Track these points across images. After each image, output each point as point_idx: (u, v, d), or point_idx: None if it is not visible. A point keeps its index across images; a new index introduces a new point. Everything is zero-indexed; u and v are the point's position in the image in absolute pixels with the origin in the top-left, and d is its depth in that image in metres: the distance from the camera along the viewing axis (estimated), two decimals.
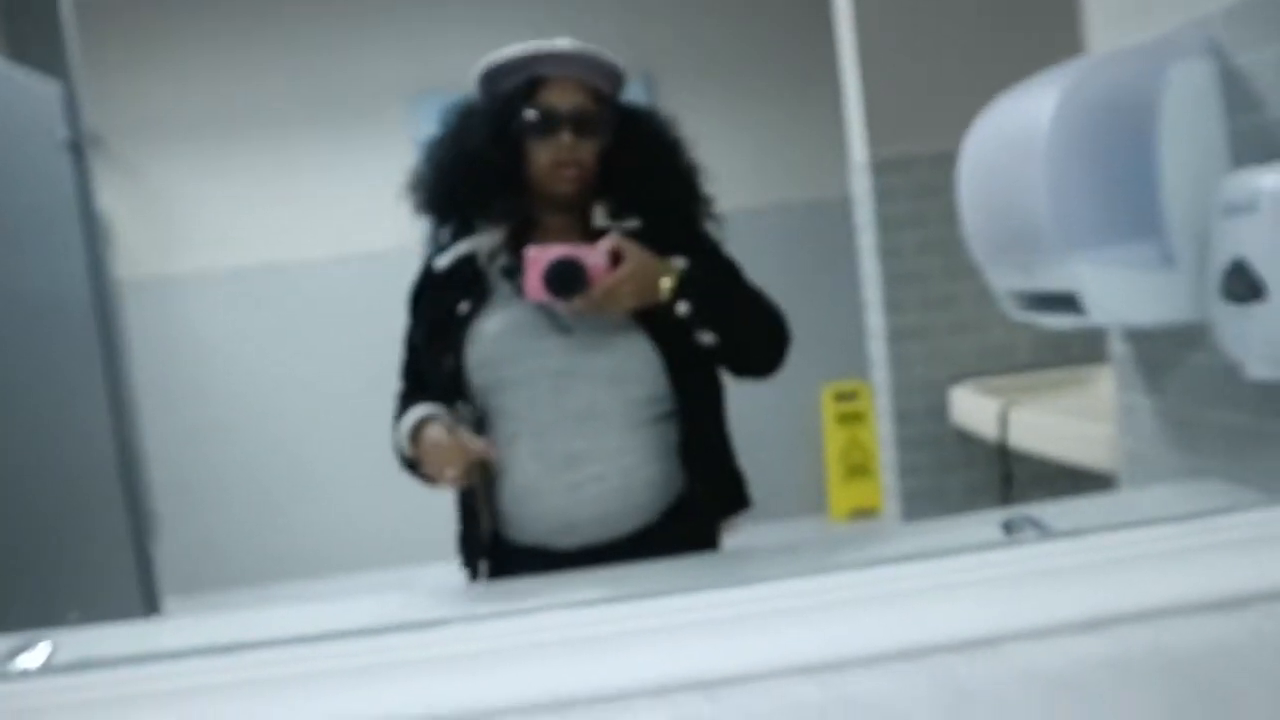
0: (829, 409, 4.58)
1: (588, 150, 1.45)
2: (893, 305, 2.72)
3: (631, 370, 1.44)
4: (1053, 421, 2.28)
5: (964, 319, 2.69)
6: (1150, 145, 1.17)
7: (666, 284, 1.39)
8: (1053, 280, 1.25)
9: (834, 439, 4.60)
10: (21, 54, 1.44)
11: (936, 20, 2.70)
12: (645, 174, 1.49)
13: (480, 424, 1.46)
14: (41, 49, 1.46)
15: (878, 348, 2.82)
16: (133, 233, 4.08)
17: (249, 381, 4.33)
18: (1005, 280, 1.38)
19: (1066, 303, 1.25)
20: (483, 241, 1.48)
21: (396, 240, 2.14)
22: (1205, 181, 1.13)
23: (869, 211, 2.74)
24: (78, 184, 1.55)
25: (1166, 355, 1.38)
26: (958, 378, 2.72)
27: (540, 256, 1.37)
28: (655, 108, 1.56)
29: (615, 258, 1.38)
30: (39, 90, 1.47)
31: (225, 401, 4.29)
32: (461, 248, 1.49)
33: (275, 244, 4.33)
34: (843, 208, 3.05)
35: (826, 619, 0.73)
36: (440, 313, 1.48)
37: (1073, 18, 1.48)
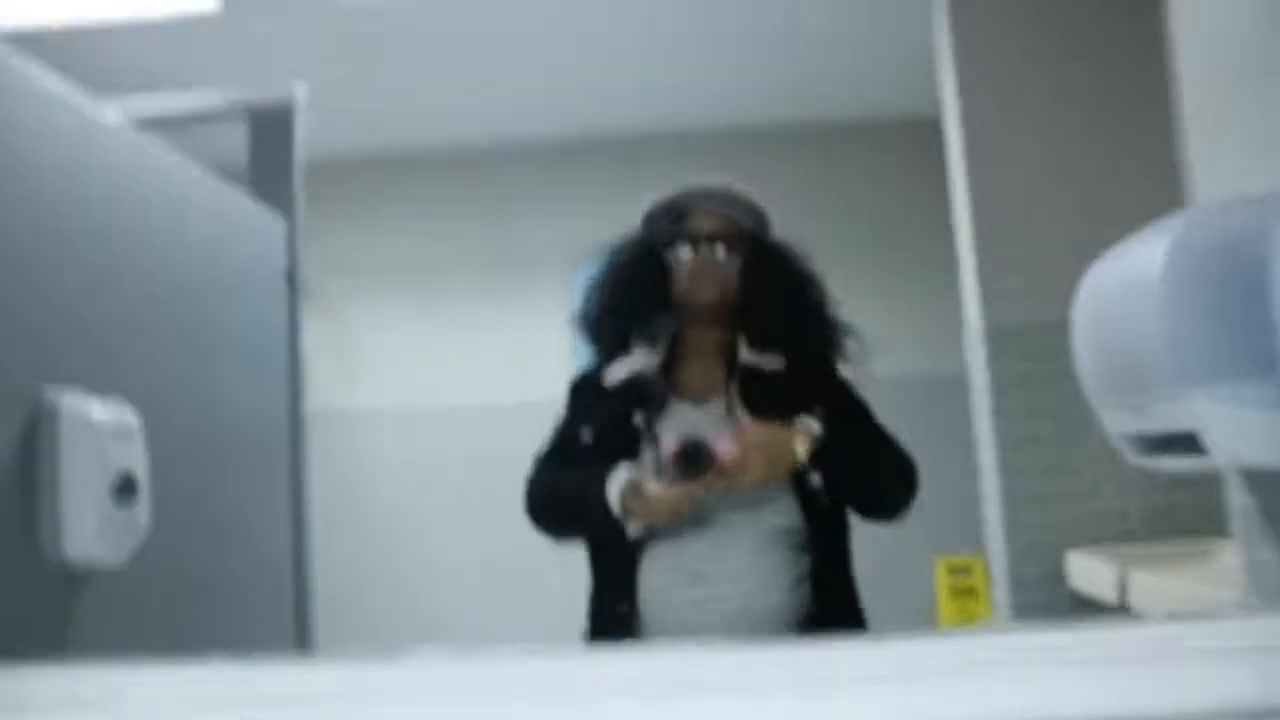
0: (943, 582, 4.42)
1: (727, 265, 1.54)
2: (1007, 469, 2.67)
3: (767, 499, 1.47)
4: (1177, 585, 2.17)
5: (1077, 485, 2.61)
6: (1264, 291, 1.16)
7: (800, 452, 1.43)
8: (1171, 420, 1.24)
9: (947, 613, 4.41)
10: (259, 190, 1.62)
11: (1050, 193, 2.76)
12: (781, 299, 1.56)
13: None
14: (275, 189, 1.64)
15: (992, 512, 2.75)
16: (317, 366, 4.36)
17: (404, 512, 4.49)
18: (1122, 423, 1.37)
19: (1185, 443, 1.23)
20: (647, 361, 1.57)
21: (545, 395, 2.24)
22: None
23: (983, 377, 2.74)
24: (290, 313, 1.69)
25: None
26: (1072, 544, 2.62)
27: (670, 440, 1.44)
28: (791, 242, 1.64)
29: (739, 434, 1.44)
30: (269, 224, 1.64)
31: (381, 528, 4.45)
32: (632, 365, 1.58)
33: (440, 388, 4.57)
34: (958, 382, 3.05)
35: None
36: (613, 420, 1.55)
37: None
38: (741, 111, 4.45)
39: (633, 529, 1.48)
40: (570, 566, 1.61)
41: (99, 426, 1.02)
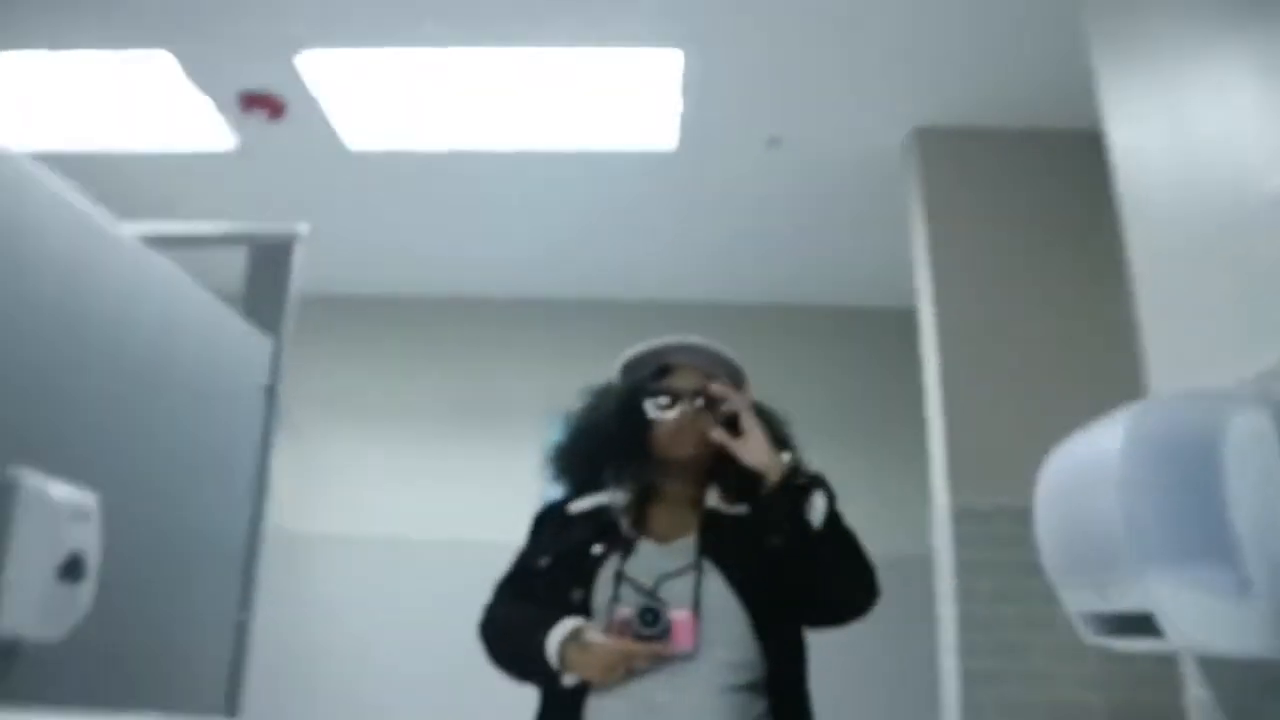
0: None
1: (705, 424, 1.57)
2: (967, 649, 2.64)
3: (723, 634, 1.45)
4: None
5: (1037, 669, 2.57)
6: (1218, 481, 1.20)
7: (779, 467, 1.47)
8: (1128, 600, 1.25)
9: None
10: (251, 312, 1.66)
11: (1018, 383, 2.85)
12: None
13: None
14: (267, 312, 1.68)
15: (949, 689, 2.70)
16: (281, 486, 4.31)
17: (358, 639, 4.39)
18: (1083, 603, 1.37)
19: (1143, 625, 1.23)
20: (615, 497, 1.59)
21: (508, 536, 2.22)
22: (1275, 514, 1.15)
23: (949, 556, 2.74)
24: (264, 428, 1.70)
25: (1248, 703, 1.32)
26: None
27: (628, 602, 1.46)
28: (769, 405, 1.68)
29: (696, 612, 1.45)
30: (256, 342, 1.67)
31: (331, 655, 4.32)
32: (599, 498, 1.60)
33: (403, 521, 4.54)
34: (924, 564, 3.05)
35: None
36: (572, 548, 1.56)
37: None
38: (720, 289, 4.61)
39: (568, 679, 1.46)
40: (527, 701, 1.56)
41: (55, 505, 1.01)
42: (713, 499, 1.59)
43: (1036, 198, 3.12)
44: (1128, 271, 1.67)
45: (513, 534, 1.72)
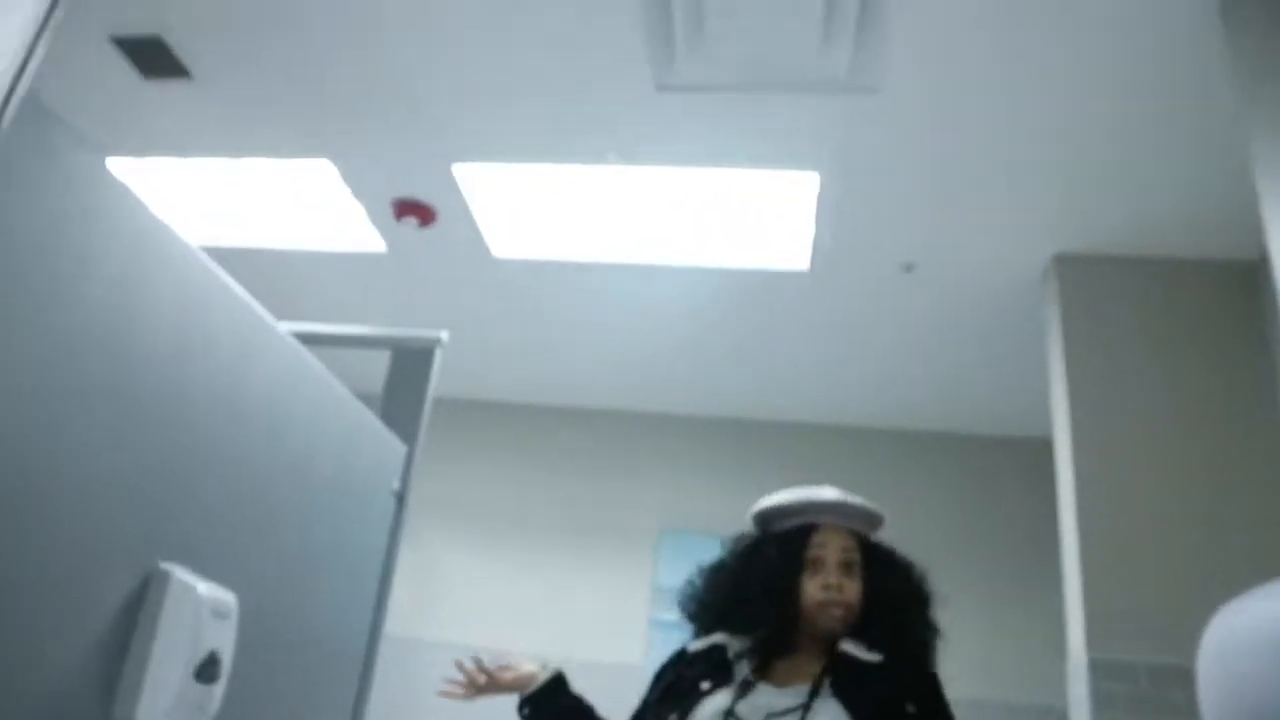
0: None
1: (852, 590, 1.55)
2: None
3: None
4: None
5: None
6: None
7: None
8: None
9: None
10: (387, 415, 1.70)
11: (1161, 525, 2.67)
12: (899, 620, 1.55)
13: None
14: (403, 416, 1.72)
15: None
16: (399, 592, 4.36)
17: None
18: None
19: None
20: (735, 641, 1.56)
21: (618, 656, 2.18)
22: None
23: (1085, 714, 2.53)
24: (391, 533, 1.72)
25: None
26: None
27: None
28: (913, 561, 1.64)
29: None
30: (392, 446, 1.70)
31: None
32: (716, 637, 1.57)
33: (512, 634, 4.47)
34: (1058, 715, 2.85)
35: None
36: (681, 681, 1.53)
37: None
38: (850, 411, 4.51)
39: None
40: None
41: (201, 601, 1.03)
42: (849, 645, 1.54)
43: (1181, 327, 2.97)
44: None
45: (618, 655, 1.68)
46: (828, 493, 1.64)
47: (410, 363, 1.83)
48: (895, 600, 1.57)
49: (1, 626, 0.84)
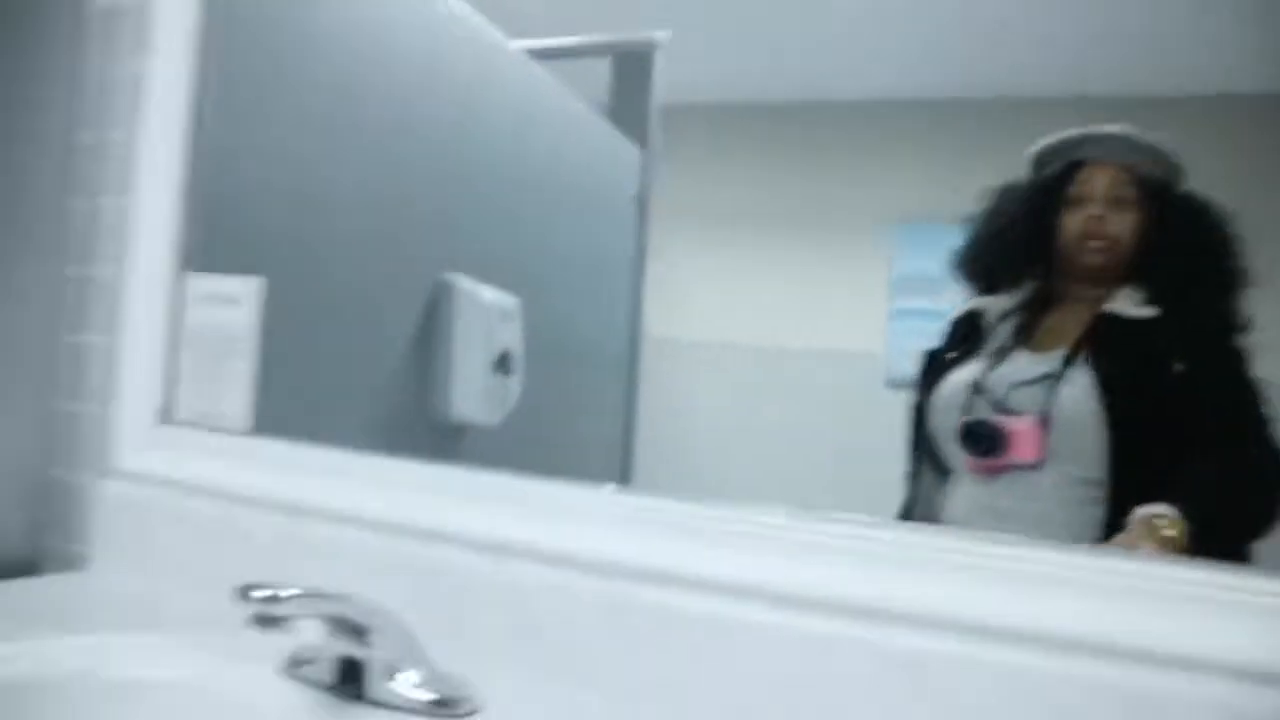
0: None
1: (1120, 225, 1.39)
2: None
3: (1074, 446, 1.34)
4: None
5: None
6: None
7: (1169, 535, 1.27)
8: None
9: None
10: (617, 122, 1.71)
11: None
12: (1185, 265, 1.39)
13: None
14: (632, 122, 1.72)
15: None
16: (649, 297, 4.60)
17: (718, 433, 4.63)
18: None
19: None
20: (996, 302, 1.48)
21: (858, 345, 2.20)
22: None
23: None
24: (637, 237, 1.77)
25: None
26: None
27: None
28: (1213, 201, 1.45)
29: (1044, 421, 1.32)
30: (626, 151, 1.72)
31: (698, 447, 4.60)
32: (973, 303, 1.50)
33: (757, 327, 4.62)
34: None
35: None
36: (930, 356, 1.50)
37: None
38: (1140, 79, 3.97)
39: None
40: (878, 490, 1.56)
41: (488, 306, 1.13)
42: (1119, 302, 1.41)
43: None
44: None
45: (858, 343, 1.68)
46: (1108, 127, 1.47)
47: (631, 68, 1.81)
48: (1181, 240, 1.41)
49: (328, 339, 0.96)
